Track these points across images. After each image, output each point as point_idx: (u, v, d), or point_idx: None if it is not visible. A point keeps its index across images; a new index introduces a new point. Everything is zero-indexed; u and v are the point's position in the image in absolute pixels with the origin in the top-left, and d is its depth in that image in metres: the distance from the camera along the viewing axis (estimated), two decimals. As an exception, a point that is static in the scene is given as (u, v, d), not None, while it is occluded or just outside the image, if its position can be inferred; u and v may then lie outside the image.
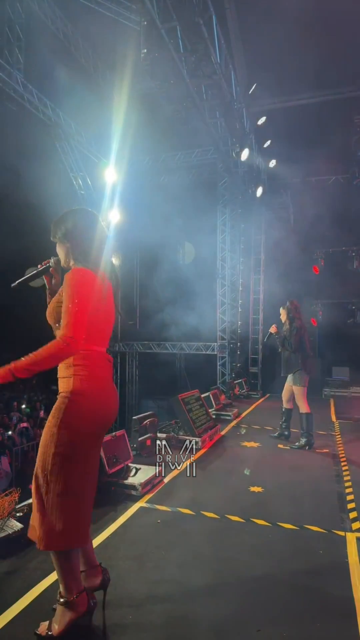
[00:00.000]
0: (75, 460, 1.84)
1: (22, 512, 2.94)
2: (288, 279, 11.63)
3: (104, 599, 2.11)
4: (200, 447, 5.18)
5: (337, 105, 10.06)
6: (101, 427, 1.95)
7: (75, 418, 1.84)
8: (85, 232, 1.99)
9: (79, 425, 1.85)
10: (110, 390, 2.00)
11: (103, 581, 2.11)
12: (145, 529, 3.04)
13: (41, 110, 10.84)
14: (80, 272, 1.88)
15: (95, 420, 1.90)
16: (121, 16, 8.67)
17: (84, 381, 1.88)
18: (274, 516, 3.35)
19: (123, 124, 10.36)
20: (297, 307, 5.88)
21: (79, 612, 1.90)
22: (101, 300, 1.91)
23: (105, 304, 1.95)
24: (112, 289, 2.04)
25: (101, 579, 2.10)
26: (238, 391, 9.93)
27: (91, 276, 1.89)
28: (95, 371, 1.92)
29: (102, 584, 2.11)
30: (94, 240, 1.97)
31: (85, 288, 1.83)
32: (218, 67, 7.24)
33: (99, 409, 1.91)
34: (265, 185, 11.23)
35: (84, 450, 1.87)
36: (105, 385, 1.96)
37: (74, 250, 1.98)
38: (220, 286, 13.04)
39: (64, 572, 1.88)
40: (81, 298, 1.80)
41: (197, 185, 13.71)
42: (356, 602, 2.31)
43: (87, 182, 13.10)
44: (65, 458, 1.82)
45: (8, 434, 10.58)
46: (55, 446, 1.82)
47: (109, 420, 1.99)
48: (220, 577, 2.52)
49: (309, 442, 5.48)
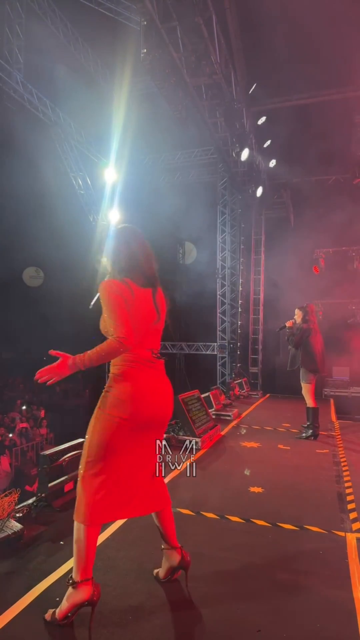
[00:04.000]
0: (107, 447, 2.07)
1: (22, 512, 2.94)
2: (288, 279, 11.62)
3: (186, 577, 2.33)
4: (200, 447, 5.18)
5: (337, 105, 10.05)
6: (138, 422, 2.09)
7: (107, 410, 2.09)
8: (125, 248, 2.25)
9: (110, 417, 2.08)
10: (148, 391, 2.13)
11: (182, 561, 2.31)
12: (145, 529, 3.04)
13: (41, 110, 10.84)
14: (107, 283, 2.14)
15: (126, 414, 2.07)
16: (121, 16, 8.67)
17: (121, 380, 2.12)
18: (274, 516, 3.35)
19: (123, 124, 10.37)
20: (311, 311, 6.30)
21: (82, 599, 2.02)
22: (133, 306, 2.11)
23: (138, 308, 2.13)
24: (150, 294, 2.22)
25: (180, 559, 2.30)
26: (238, 391, 9.92)
27: (118, 285, 2.13)
28: (132, 371, 2.12)
29: (180, 564, 2.30)
30: (132, 256, 2.23)
31: (114, 295, 2.08)
32: (218, 67, 7.24)
33: (131, 407, 2.08)
34: (265, 185, 11.22)
35: (114, 439, 2.07)
36: (142, 385, 2.12)
37: (114, 265, 2.25)
38: (220, 286, 13.05)
39: (78, 551, 2.05)
40: (114, 304, 2.06)
41: (197, 185, 13.71)
42: (356, 602, 2.31)
43: (87, 182, 13.10)
44: (99, 444, 2.07)
45: (9, 435, 10.59)
46: (95, 431, 2.09)
47: (145, 417, 2.11)
48: (220, 577, 2.51)
49: (314, 434, 5.97)
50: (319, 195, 11.97)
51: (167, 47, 6.51)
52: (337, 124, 10.21)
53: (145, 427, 2.13)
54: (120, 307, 2.05)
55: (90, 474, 2.08)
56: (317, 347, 6.13)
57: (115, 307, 2.05)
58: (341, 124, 10.16)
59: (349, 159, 10.52)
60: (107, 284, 2.13)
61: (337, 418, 7.83)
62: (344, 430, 6.70)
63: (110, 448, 2.07)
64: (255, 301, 13.40)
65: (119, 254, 2.24)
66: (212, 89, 7.95)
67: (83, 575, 2.03)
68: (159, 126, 11.15)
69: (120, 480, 2.10)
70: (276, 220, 13.21)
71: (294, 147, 10.65)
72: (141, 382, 2.12)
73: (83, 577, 2.03)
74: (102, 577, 2.46)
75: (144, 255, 2.27)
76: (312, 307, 6.44)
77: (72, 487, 3.53)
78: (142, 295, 2.18)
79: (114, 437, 2.07)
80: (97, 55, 10.85)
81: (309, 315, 6.22)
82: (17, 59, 9.99)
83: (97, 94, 10.93)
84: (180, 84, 7.30)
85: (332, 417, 7.87)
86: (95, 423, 2.11)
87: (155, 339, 2.23)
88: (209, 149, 12.71)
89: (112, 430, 2.06)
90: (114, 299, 2.07)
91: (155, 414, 2.15)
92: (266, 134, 9.99)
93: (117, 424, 2.06)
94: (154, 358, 2.19)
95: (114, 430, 2.06)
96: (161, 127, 11.04)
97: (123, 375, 2.13)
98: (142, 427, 2.12)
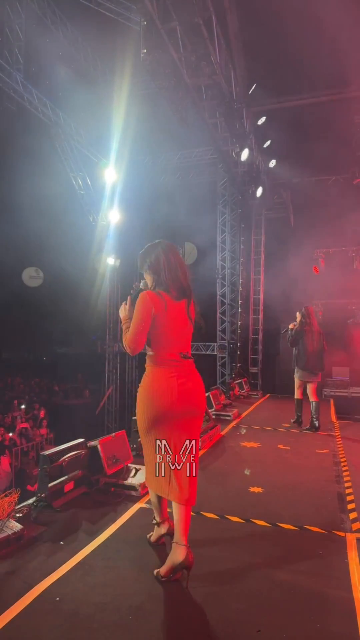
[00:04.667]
0: (147, 433, 2.48)
1: (22, 512, 2.93)
2: (288, 279, 11.63)
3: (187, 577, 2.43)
4: (200, 447, 5.17)
5: (337, 105, 10.05)
6: (160, 413, 2.42)
7: (140, 404, 2.51)
8: (164, 262, 2.52)
9: (142, 409, 2.49)
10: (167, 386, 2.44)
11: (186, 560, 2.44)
12: (145, 529, 3.04)
13: (41, 110, 10.84)
14: (145, 295, 2.43)
15: (153, 407, 2.44)
16: (121, 16, 8.66)
17: (148, 379, 2.50)
18: (274, 517, 3.35)
19: (123, 124, 10.37)
20: (308, 313, 6.78)
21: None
22: (166, 315, 2.42)
23: (171, 317, 2.45)
24: (184, 304, 2.51)
25: (184, 557, 2.43)
26: (238, 391, 9.91)
27: (153, 297, 2.42)
28: (158, 372, 2.47)
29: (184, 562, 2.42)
30: (169, 269, 2.50)
31: (143, 308, 2.40)
32: (218, 67, 7.23)
33: (155, 399, 2.43)
34: (265, 185, 11.22)
35: (152, 426, 2.45)
36: (162, 382, 2.44)
37: (155, 278, 2.52)
38: (220, 286, 13.05)
39: (153, 505, 2.74)
40: (139, 317, 2.40)
41: (197, 185, 13.71)
42: (356, 602, 2.31)
43: (87, 182, 13.10)
44: (142, 432, 2.53)
45: (9, 435, 10.58)
46: (138, 421, 2.55)
47: (169, 408, 2.41)
48: (220, 577, 2.51)
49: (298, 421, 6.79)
50: (318, 195, 11.97)
51: (167, 47, 6.51)
52: (337, 124, 10.20)
53: (170, 415, 2.41)
54: (142, 321, 2.39)
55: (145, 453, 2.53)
56: (309, 348, 6.59)
57: (137, 319, 2.40)
58: (341, 124, 10.15)
59: (349, 159, 10.52)
60: (144, 296, 2.42)
61: (337, 418, 7.82)
62: (344, 430, 6.70)
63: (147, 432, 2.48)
64: (255, 301, 13.40)
65: (160, 269, 2.50)
66: (212, 89, 7.94)
67: (160, 518, 2.74)
68: (159, 126, 11.15)
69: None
70: (276, 221, 13.21)
71: (293, 147, 10.63)
72: (162, 379, 2.44)
73: (161, 518, 2.75)
74: (102, 577, 2.46)
75: (181, 269, 2.54)
76: (311, 309, 6.86)
77: (72, 487, 3.53)
78: (176, 307, 2.47)
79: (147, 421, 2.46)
80: (97, 55, 10.85)
81: (305, 317, 6.71)
82: (17, 59, 10.00)
83: (97, 94, 10.92)
84: (180, 84, 7.29)
85: (332, 417, 7.87)
86: (138, 413, 2.53)
87: (185, 343, 2.54)
88: (209, 149, 12.70)
89: (145, 419, 2.47)
90: (141, 312, 2.39)
91: (172, 407, 2.41)
92: (266, 134, 9.98)
93: (146, 414, 2.45)
94: (180, 358, 2.48)
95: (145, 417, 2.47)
96: (161, 127, 11.04)
97: (148, 373, 2.52)
98: (164, 418, 2.42)
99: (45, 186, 13.10)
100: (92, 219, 13.43)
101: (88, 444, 3.79)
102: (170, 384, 2.42)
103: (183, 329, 2.52)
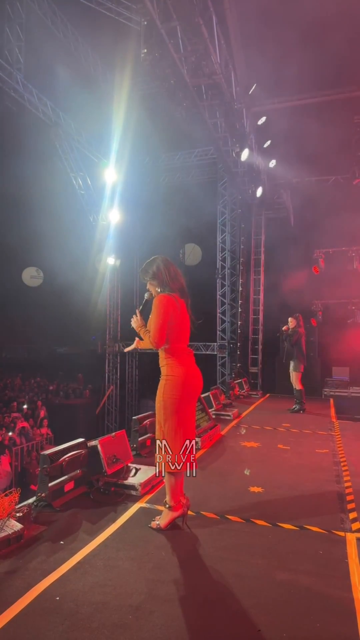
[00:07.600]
0: (174, 413, 2.93)
1: (22, 512, 2.93)
2: (288, 279, 11.62)
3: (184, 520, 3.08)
4: (200, 447, 5.17)
5: (337, 105, 10.05)
6: (186, 393, 2.97)
7: (170, 389, 2.95)
8: (164, 271, 3.04)
9: (172, 393, 2.94)
10: (190, 371, 3.02)
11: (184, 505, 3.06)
12: (145, 529, 3.04)
13: (41, 110, 10.84)
14: (162, 297, 2.96)
15: (182, 388, 2.95)
16: (121, 16, 8.66)
17: (172, 367, 2.99)
18: (274, 516, 3.35)
19: (123, 124, 10.37)
20: (300, 319, 8.41)
21: (176, 515, 3.02)
22: (177, 313, 2.96)
23: (180, 314, 2.99)
24: (184, 304, 3.07)
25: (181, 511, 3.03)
26: (238, 391, 9.91)
27: (168, 298, 2.95)
28: (178, 360, 3.00)
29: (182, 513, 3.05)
30: (170, 276, 3.04)
31: (164, 309, 2.91)
32: (218, 67, 7.23)
33: (182, 382, 2.96)
34: (265, 185, 11.22)
35: (179, 407, 2.94)
36: (186, 368, 3.00)
37: (162, 286, 3.04)
38: (220, 286, 13.05)
39: (170, 486, 2.99)
40: (161, 315, 2.90)
41: (197, 185, 13.71)
42: (356, 602, 2.31)
43: (87, 182, 13.10)
44: (168, 413, 2.93)
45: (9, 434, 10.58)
46: (164, 407, 2.94)
47: (193, 389, 3.03)
48: (220, 577, 2.51)
49: (301, 408, 8.10)
50: (318, 195, 11.95)
51: (167, 47, 6.50)
52: (337, 124, 10.20)
53: (192, 397, 3.02)
54: (163, 319, 2.89)
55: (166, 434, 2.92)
56: (304, 347, 8.36)
57: (159, 318, 2.89)
58: (341, 124, 10.15)
59: (349, 159, 10.52)
60: (162, 298, 2.94)
61: (337, 418, 7.82)
62: (344, 430, 6.70)
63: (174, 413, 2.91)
64: (255, 301, 13.39)
65: (163, 277, 3.03)
66: (212, 89, 7.94)
67: (175, 500, 3.00)
68: (159, 126, 11.15)
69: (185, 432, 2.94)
70: (276, 221, 13.19)
71: (293, 148, 10.63)
72: (185, 364, 3.00)
73: (175, 501, 3.00)
74: (102, 577, 2.46)
75: (178, 275, 3.09)
76: (300, 316, 8.52)
77: (72, 487, 3.53)
78: (182, 306, 3.04)
79: (175, 402, 2.91)
80: (97, 55, 10.85)
81: (299, 321, 8.33)
82: (17, 59, 9.99)
83: (97, 94, 10.92)
84: (180, 84, 7.29)
85: (332, 417, 7.87)
86: (161, 399, 2.95)
87: (188, 336, 3.11)
88: (209, 149, 12.70)
89: (174, 401, 2.91)
90: (163, 311, 2.90)
91: (195, 388, 3.04)
92: (266, 134, 9.98)
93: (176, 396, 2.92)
94: (187, 348, 3.10)
95: (176, 401, 2.91)
96: (161, 127, 11.04)
97: (174, 361, 2.99)
98: (190, 398, 2.99)
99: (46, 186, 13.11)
100: (92, 219, 13.43)
101: (88, 443, 3.78)
102: (193, 370, 3.04)
103: (187, 325, 3.07)
